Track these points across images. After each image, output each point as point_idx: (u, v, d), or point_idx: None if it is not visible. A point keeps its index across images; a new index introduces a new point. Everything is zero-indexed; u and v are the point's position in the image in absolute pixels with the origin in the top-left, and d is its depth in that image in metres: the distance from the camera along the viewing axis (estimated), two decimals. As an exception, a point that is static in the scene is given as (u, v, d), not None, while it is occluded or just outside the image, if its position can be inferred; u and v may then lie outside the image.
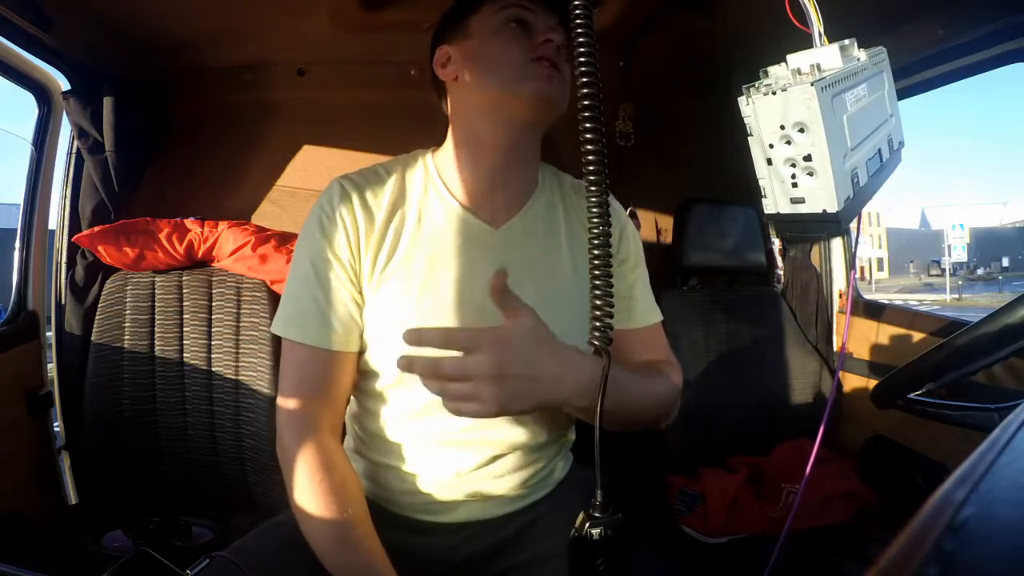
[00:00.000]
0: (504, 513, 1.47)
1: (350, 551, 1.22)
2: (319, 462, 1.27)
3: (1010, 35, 1.92)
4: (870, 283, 76.73)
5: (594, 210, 0.94)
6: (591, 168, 0.93)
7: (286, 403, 1.33)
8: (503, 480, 1.44)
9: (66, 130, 2.50)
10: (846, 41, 1.08)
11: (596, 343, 0.98)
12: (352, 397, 1.50)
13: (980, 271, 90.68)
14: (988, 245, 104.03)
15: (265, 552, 1.33)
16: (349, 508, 1.25)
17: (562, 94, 1.36)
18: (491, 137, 1.42)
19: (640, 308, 1.60)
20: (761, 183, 1.08)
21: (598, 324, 0.97)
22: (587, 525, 0.98)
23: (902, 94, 1.39)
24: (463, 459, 1.40)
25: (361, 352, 1.40)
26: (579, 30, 0.90)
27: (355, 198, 1.38)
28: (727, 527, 2.21)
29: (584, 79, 0.91)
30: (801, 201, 1.02)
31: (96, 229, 2.35)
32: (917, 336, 2.53)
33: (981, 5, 1.91)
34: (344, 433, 1.54)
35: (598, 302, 0.97)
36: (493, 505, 1.46)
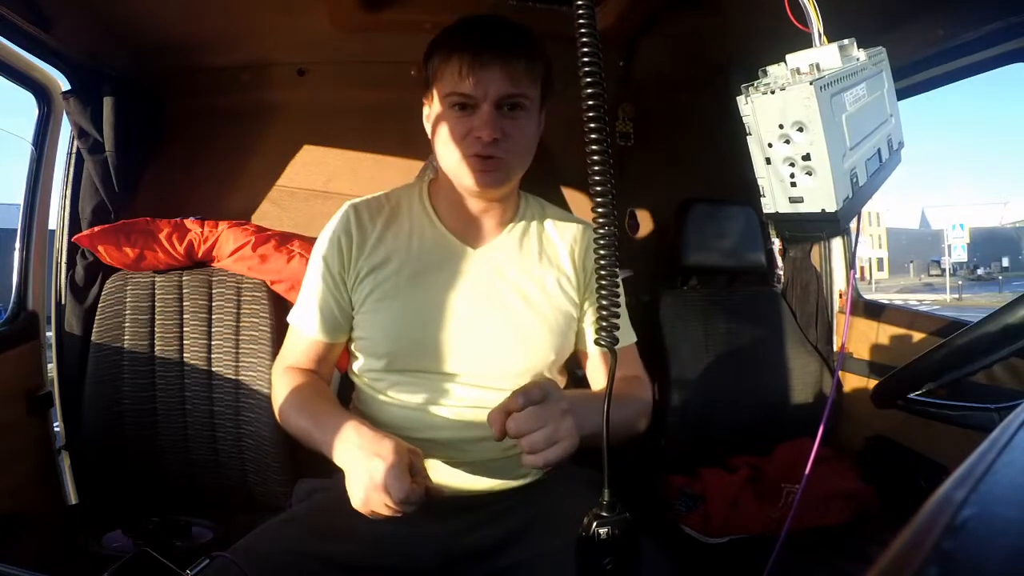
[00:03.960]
0: (497, 493, 1.54)
1: (306, 416, 1.47)
2: (295, 370, 1.61)
3: (1010, 35, 1.92)
4: (870, 283, 76.58)
5: (600, 210, 0.94)
6: (596, 171, 0.93)
7: (279, 359, 1.68)
8: (483, 445, 1.51)
9: (66, 130, 2.50)
10: (845, 41, 1.08)
11: (603, 343, 0.98)
12: (354, 379, 1.69)
13: (980, 271, 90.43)
14: (988, 245, 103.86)
15: (265, 552, 1.34)
16: (314, 391, 1.54)
17: (500, 178, 1.50)
18: (462, 193, 1.59)
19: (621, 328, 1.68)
20: (760, 182, 1.09)
21: (604, 324, 0.97)
22: (594, 525, 0.98)
23: (902, 94, 1.39)
24: (447, 433, 1.51)
25: (351, 341, 1.64)
26: (582, 30, 0.89)
27: (353, 221, 1.60)
28: (727, 527, 2.21)
29: (588, 79, 0.91)
30: (800, 200, 1.02)
31: (96, 229, 2.35)
32: (917, 336, 2.53)
33: (981, 5, 1.91)
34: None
35: (604, 302, 0.97)
36: (484, 483, 1.53)
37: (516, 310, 1.56)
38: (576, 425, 1.23)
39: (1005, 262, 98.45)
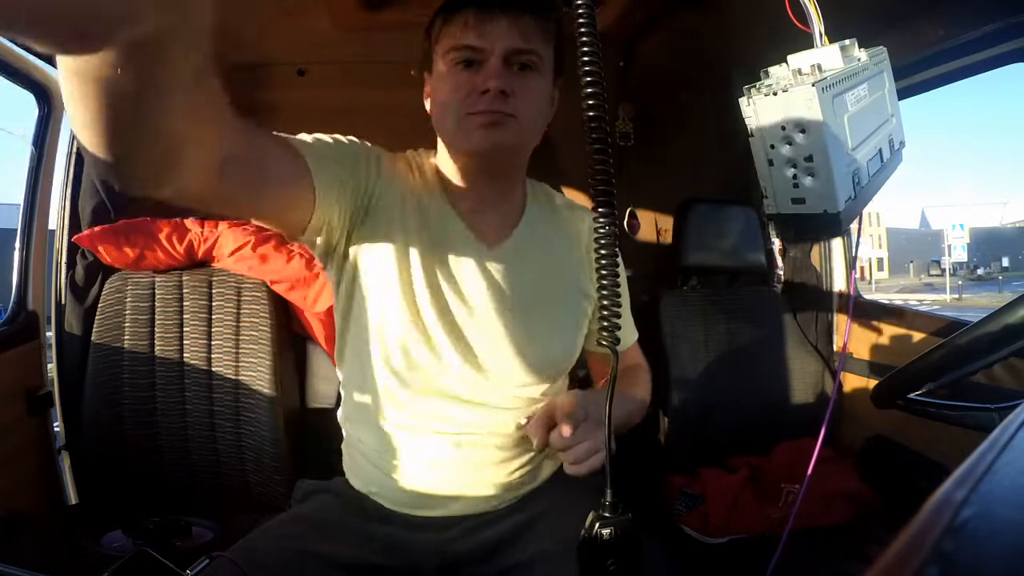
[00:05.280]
0: (495, 508, 1.50)
1: None
2: None
3: (1010, 35, 1.92)
4: (870, 283, 76.55)
5: (601, 209, 0.94)
6: (597, 171, 0.93)
7: None
8: (489, 470, 1.48)
9: (66, 130, 2.49)
10: (847, 41, 1.09)
11: (605, 343, 0.98)
12: (342, 390, 1.59)
13: (980, 271, 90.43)
14: (988, 245, 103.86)
15: (265, 551, 1.34)
16: None
17: (509, 138, 1.36)
18: (467, 169, 1.47)
19: (625, 327, 1.68)
20: (762, 183, 1.09)
21: (606, 324, 0.97)
22: (597, 525, 0.98)
23: (902, 94, 1.39)
24: (446, 448, 1.45)
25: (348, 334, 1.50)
26: (582, 30, 0.89)
27: (386, 162, 1.46)
28: (727, 527, 2.21)
29: (588, 77, 0.91)
30: (802, 201, 1.02)
31: (96, 229, 2.36)
32: (917, 336, 2.53)
33: (981, 5, 1.91)
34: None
35: (606, 302, 0.97)
36: (482, 499, 1.49)
37: (530, 318, 1.48)
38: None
39: (1005, 262, 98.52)
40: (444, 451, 1.45)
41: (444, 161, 1.50)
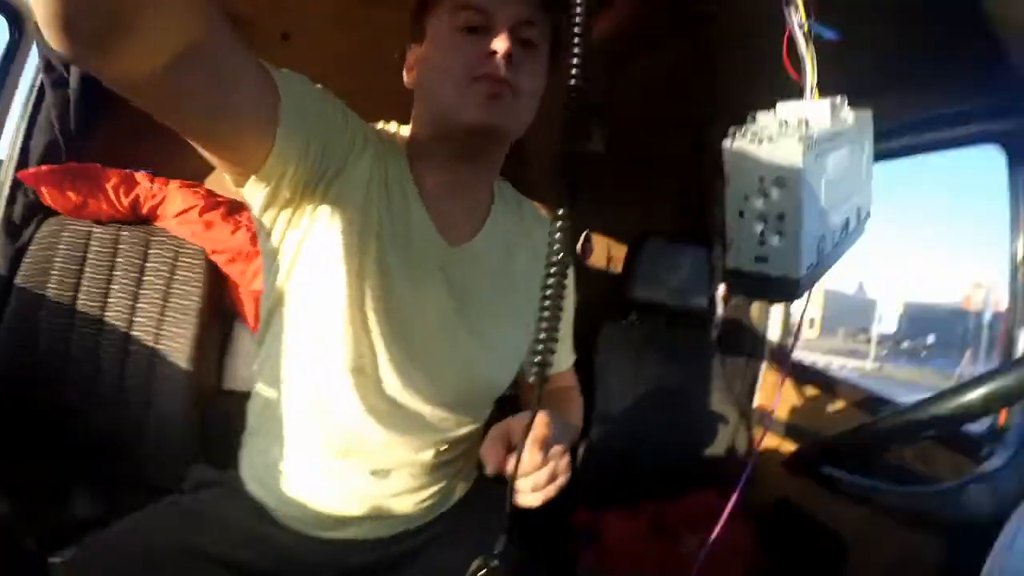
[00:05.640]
0: (398, 532, 1.44)
1: None
2: None
3: (984, 116, 1.95)
4: (799, 341, 77.91)
5: (556, 236, 0.89)
6: (564, 199, 0.89)
7: None
8: (400, 499, 1.41)
9: (32, 60, 2.41)
10: (838, 99, 1.07)
11: (535, 376, 0.92)
12: (254, 385, 1.46)
13: (905, 344, 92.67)
14: (920, 321, 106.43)
15: (146, 543, 1.29)
16: None
17: (509, 116, 1.25)
18: (445, 150, 1.34)
19: (564, 350, 1.65)
20: (729, 234, 1.06)
21: (538, 360, 0.90)
22: (481, 574, 0.94)
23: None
24: (357, 473, 1.36)
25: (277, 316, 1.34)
26: (576, 40, 0.87)
27: (365, 134, 1.30)
28: (624, 569, 2.20)
29: (571, 80, 0.88)
30: (764, 260, 1.00)
31: (43, 168, 2.28)
32: (837, 404, 2.55)
33: (960, 84, 1.93)
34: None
35: (543, 336, 0.89)
36: (387, 524, 1.42)
37: (481, 334, 1.38)
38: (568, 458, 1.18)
39: (930, 339, 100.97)
40: (357, 478, 1.36)
41: (420, 136, 1.37)
